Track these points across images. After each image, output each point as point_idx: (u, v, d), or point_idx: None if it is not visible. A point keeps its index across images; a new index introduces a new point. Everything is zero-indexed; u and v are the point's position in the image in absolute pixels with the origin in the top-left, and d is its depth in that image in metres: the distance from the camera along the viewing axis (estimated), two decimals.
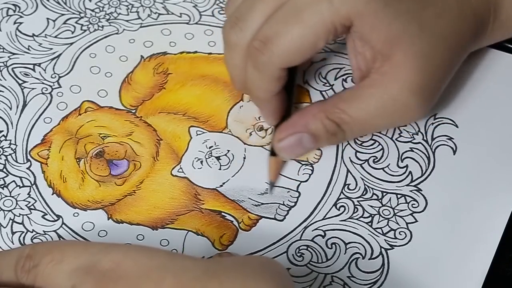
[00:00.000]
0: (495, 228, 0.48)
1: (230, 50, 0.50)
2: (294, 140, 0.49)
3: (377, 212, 0.49)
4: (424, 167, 0.51)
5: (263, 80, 0.48)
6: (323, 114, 0.48)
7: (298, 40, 0.46)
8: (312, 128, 0.49)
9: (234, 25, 0.49)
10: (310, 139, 0.49)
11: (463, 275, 0.46)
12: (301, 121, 0.49)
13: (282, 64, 0.47)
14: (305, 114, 0.49)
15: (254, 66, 0.48)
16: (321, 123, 0.48)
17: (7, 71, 0.55)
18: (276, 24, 0.47)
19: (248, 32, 0.48)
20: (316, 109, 0.49)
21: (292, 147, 0.49)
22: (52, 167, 0.51)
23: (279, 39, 0.46)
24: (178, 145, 0.52)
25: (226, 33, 0.49)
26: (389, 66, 0.47)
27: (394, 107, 0.48)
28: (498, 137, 0.52)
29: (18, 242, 0.48)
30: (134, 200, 0.50)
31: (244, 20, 0.48)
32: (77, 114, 0.53)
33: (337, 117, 0.48)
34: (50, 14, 0.58)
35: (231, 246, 0.48)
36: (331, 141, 0.49)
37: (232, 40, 0.49)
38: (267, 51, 0.47)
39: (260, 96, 0.49)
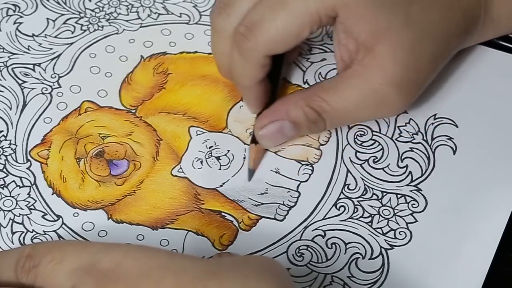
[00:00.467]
0: (495, 228, 0.48)
1: (216, 35, 0.50)
2: (275, 128, 0.49)
3: (377, 212, 0.49)
4: (424, 167, 0.51)
5: (247, 66, 0.48)
6: (304, 102, 0.49)
7: (283, 28, 0.47)
8: (293, 116, 0.49)
9: (222, 10, 0.49)
10: (291, 127, 0.49)
11: (463, 275, 0.46)
12: (282, 109, 0.49)
13: (266, 51, 0.47)
14: (286, 102, 0.50)
15: (239, 52, 0.48)
16: (302, 111, 0.49)
17: (7, 71, 0.55)
18: (262, 10, 0.47)
19: (234, 17, 0.48)
20: (297, 97, 0.49)
21: (273, 134, 0.50)
22: (52, 167, 0.51)
23: (264, 26, 0.47)
24: (178, 145, 0.52)
25: (214, 18, 0.50)
26: (371, 58, 0.47)
27: (373, 98, 0.48)
28: (498, 137, 0.52)
29: (18, 242, 0.48)
30: (134, 200, 0.50)
31: (232, 5, 0.49)
32: (77, 114, 0.53)
33: (318, 105, 0.49)
34: (50, 14, 0.58)
35: (231, 246, 0.48)
36: (312, 129, 0.50)
37: (219, 26, 0.49)
38: (252, 37, 0.47)
39: (244, 83, 0.50)
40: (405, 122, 0.53)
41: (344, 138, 0.52)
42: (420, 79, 0.49)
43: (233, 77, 0.50)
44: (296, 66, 0.56)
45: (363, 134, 0.52)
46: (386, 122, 0.53)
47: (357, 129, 0.52)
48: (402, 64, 0.47)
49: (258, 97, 0.50)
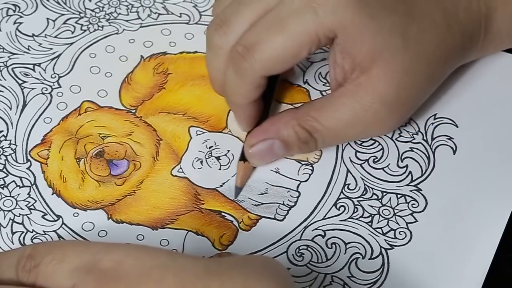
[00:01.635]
0: (495, 228, 0.48)
1: (212, 52, 0.49)
2: (265, 147, 0.49)
3: (377, 212, 0.49)
4: (424, 167, 0.51)
5: (242, 86, 0.48)
6: (295, 121, 0.48)
7: (280, 49, 0.46)
8: (283, 135, 0.49)
9: (219, 27, 0.48)
10: (281, 146, 0.49)
11: (463, 275, 0.46)
12: (273, 128, 0.49)
13: (263, 72, 0.47)
14: (277, 121, 0.49)
15: (235, 71, 0.47)
16: (292, 131, 0.48)
17: (7, 71, 0.55)
18: (260, 31, 0.47)
19: (232, 36, 0.48)
20: (288, 116, 0.49)
21: (263, 153, 0.49)
22: (52, 167, 0.51)
23: (262, 47, 0.46)
24: (178, 145, 0.52)
25: (210, 34, 0.49)
26: (365, 78, 0.47)
27: (365, 117, 0.48)
28: (498, 137, 0.52)
29: (18, 242, 0.48)
30: (134, 200, 0.50)
31: (229, 24, 0.48)
32: (77, 114, 0.53)
33: (309, 125, 0.48)
34: (50, 14, 0.58)
35: (231, 246, 0.48)
36: (303, 149, 0.49)
37: (215, 43, 0.49)
38: (250, 57, 0.46)
39: (237, 101, 0.49)
40: (405, 122, 0.53)
41: None
42: (414, 98, 0.49)
43: (226, 95, 0.50)
44: (296, 66, 0.55)
45: None
46: None
47: None
48: (396, 85, 0.47)
49: (250, 115, 0.50)
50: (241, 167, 0.50)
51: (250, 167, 0.51)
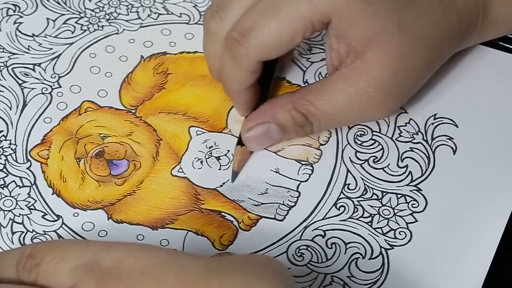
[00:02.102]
0: (495, 228, 0.48)
1: (209, 38, 0.50)
2: (262, 130, 0.49)
3: (377, 212, 0.49)
4: (424, 167, 0.51)
5: (238, 71, 0.48)
6: (291, 105, 0.49)
7: (275, 34, 0.47)
8: (279, 119, 0.49)
9: (215, 13, 0.49)
10: (277, 130, 0.49)
11: (463, 275, 0.46)
12: (269, 112, 0.49)
13: (258, 57, 0.48)
14: (274, 105, 0.50)
15: (231, 56, 0.48)
16: (288, 114, 0.49)
17: (7, 71, 0.55)
18: (255, 16, 0.47)
19: (228, 22, 0.48)
20: (284, 100, 0.49)
21: (260, 137, 0.50)
22: (52, 167, 0.51)
23: (257, 32, 0.47)
24: (178, 145, 0.52)
25: (206, 21, 0.50)
26: (360, 62, 0.48)
27: (360, 102, 0.48)
28: (498, 137, 0.52)
29: (18, 242, 0.48)
30: (134, 200, 0.50)
31: (225, 9, 0.49)
32: (77, 114, 0.53)
33: (305, 108, 0.49)
34: (50, 14, 0.58)
35: (231, 246, 0.48)
36: (299, 133, 0.50)
37: (212, 29, 0.49)
38: (245, 42, 0.47)
39: (234, 87, 0.50)
40: (405, 122, 0.53)
41: (344, 138, 0.52)
42: (410, 84, 0.49)
43: (223, 80, 0.50)
44: (296, 66, 0.56)
45: (363, 134, 0.52)
46: (386, 122, 0.53)
47: (357, 129, 0.53)
48: (391, 69, 0.47)
49: (246, 100, 0.50)
50: (238, 151, 0.50)
51: (247, 151, 0.51)
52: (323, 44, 0.57)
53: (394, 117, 0.53)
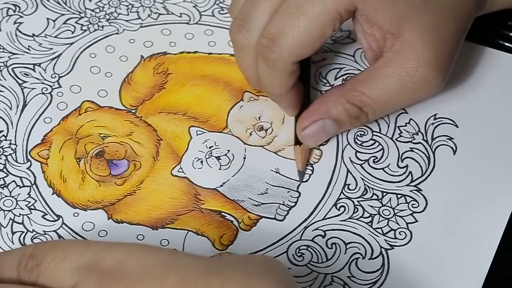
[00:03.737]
0: (495, 228, 0.48)
1: (240, 51, 0.50)
2: (318, 127, 0.50)
3: (377, 212, 0.49)
4: (424, 167, 0.51)
5: (276, 76, 0.49)
6: (344, 98, 0.49)
7: (305, 32, 0.47)
8: (334, 114, 0.49)
9: (241, 27, 0.49)
10: (333, 125, 0.50)
11: (463, 275, 0.46)
12: (322, 108, 0.50)
13: (293, 58, 0.48)
14: (325, 100, 0.50)
15: (266, 63, 0.48)
16: (342, 108, 0.49)
17: (7, 71, 0.55)
18: (281, 19, 0.47)
19: (255, 31, 0.49)
20: (335, 94, 0.50)
21: (316, 134, 0.50)
22: (52, 167, 0.51)
23: (287, 34, 0.47)
24: (178, 145, 0.52)
25: (234, 35, 0.50)
26: (401, 43, 0.48)
27: (412, 83, 0.48)
28: (498, 137, 0.52)
29: (18, 242, 0.48)
30: (134, 200, 0.50)
31: (249, 20, 0.49)
32: (77, 114, 0.53)
33: (358, 100, 0.49)
34: (50, 14, 0.58)
35: (231, 246, 0.48)
36: (355, 124, 0.50)
37: (241, 42, 0.49)
38: (276, 47, 0.47)
39: (277, 91, 0.50)
40: (405, 122, 0.53)
41: (344, 138, 0.52)
42: (449, 54, 0.50)
43: (264, 88, 0.51)
44: None
45: (363, 134, 0.52)
46: (386, 122, 0.53)
47: (357, 129, 0.53)
48: (431, 44, 0.48)
49: (293, 101, 0.51)
50: (298, 150, 0.51)
51: (306, 149, 0.51)
52: (325, 44, 0.56)
53: (394, 117, 0.53)
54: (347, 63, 0.55)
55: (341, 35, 0.57)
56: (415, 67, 0.48)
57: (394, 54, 0.48)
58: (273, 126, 0.53)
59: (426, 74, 0.48)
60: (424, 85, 0.49)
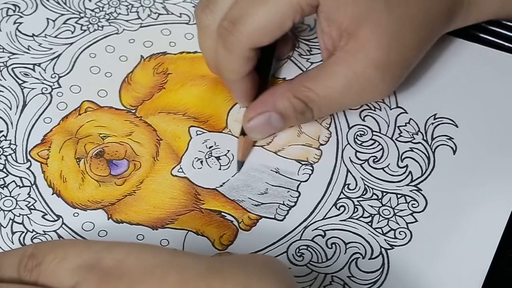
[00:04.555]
0: (495, 228, 0.48)
1: (202, 32, 0.51)
2: (263, 119, 0.50)
3: (377, 212, 0.49)
4: (424, 167, 0.51)
5: (232, 60, 0.49)
6: (290, 93, 0.49)
7: (265, 20, 0.47)
8: (280, 107, 0.49)
9: (205, 7, 0.50)
10: (278, 118, 0.50)
11: (463, 275, 0.46)
12: (269, 100, 0.50)
13: (250, 44, 0.48)
14: (273, 94, 0.50)
15: (224, 46, 0.48)
16: (288, 102, 0.49)
17: (7, 71, 0.55)
18: (244, 4, 0.48)
19: (218, 13, 0.49)
20: (283, 88, 0.50)
21: (261, 126, 0.50)
22: (52, 167, 0.51)
23: (247, 19, 0.47)
24: (178, 145, 0.52)
25: (198, 15, 0.50)
26: (353, 43, 0.48)
27: (358, 84, 0.48)
28: (498, 137, 0.52)
29: (18, 242, 0.48)
30: (134, 200, 0.50)
31: (215, 2, 0.49)
32: (77, 114, 0.53)
33: (304, 95, 0.49)
34: (50, 14, 0.58)
35: (231, 246, 0.48)
36: (300, 119, 0.50)
37: (203, 22, 0.50)
38: (236, 31, 0.47)
39: (230, 76, 0.50)
40: (405, 122, 0.53)
41: (344, 138, 0.52)
42: (404, 62, 0.50)
43: (220, 72, 0.51)
44: (296, 66, 0.56)
45: (363, 134, 0.52)
46: (386, 122, 0.53)
47: (357, 129, 0.53)
48: (385, 47, 0.48)
49: (245, 90, 0.51)
50: (241, 141, 0.51)
51: (250, 141, 0.51)
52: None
53: (394, 117, 0.53)
54: None
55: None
56: (363, 68, 0.48)
57: (344, 53, 0.48)
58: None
59: (373, 77, 0.48)
60: (369, 88, 0.49)
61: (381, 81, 0.49)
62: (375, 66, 0.48)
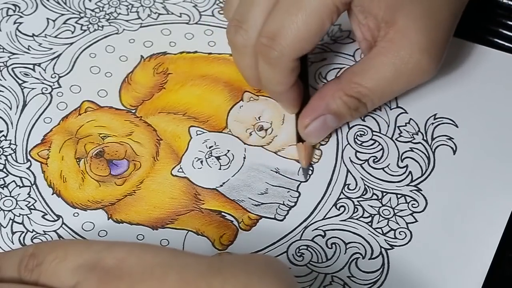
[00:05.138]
0: (495, 228, 0.48)
1: (239, 52, 0.50)
2: (319, 123, 0.50)
3: (377, 212, 0.49)
4: (424, 167, 0.51)
5: (278, 74, 0.49)
6: (341, 92, 0.50)
7: (304, 28, 0.47)
8: (333, 108, 0.50)
9: (238, 28, 0.49)
10: (334, 119, 0.50)
11: (463, 275, 0.46)
12: (321, 104, 0.50)
13: (294, 55, 0.48)
14: (324, 96, 0.50)
15: (267, 62, 0.48)
16: (341, 101, 0.50)
17: (7, 71, 0.55)
18: (279, 17, 0.47)
19: (253, 31, 0.49)
20: (333, 88, 0.50)
21: (318, 130, 0.51)
22: (52, 167, 0.51)
23: (286, 31, 0.47)
24: (178, 145, 0.52)
25: (232, 37, 0.50)
26: (394, 31, 0.48)
27: (407, 69, 0.49)
28: (498, 137, 0.52)
29: (18, 242, 0.48)
30: (134, 200, 0.50)
31: (246, 20, 0.49)
32: (77, 114, 0.53)
33: (355, 91, 0.49)
34: (50, 14, 0.58)
35: (231, 246, 0.48)
36: (355, 116, 0.51)
37: (239, 43, 0.50)
38: (277, 45, 0.47)
39: (278, 89, 0.50)
40: (405, 122, 0.53)
41: (344, 138, 0.52)
42: (443, 37, 0.50)
43: (265, 87, 0.51)
44: None
45: (363, 134, 0.52)
46: (386, 122, 0.53)
47: (357, 129, 0.53)
48: (425, 30, 0.48)
49: (293, 99, 0.51)
50: (301, 148, 0.51)
51: (310, 146, 0.51)
52: (323, 44, 0.57)
53: (394, 117, 0.53)
54: (347, 63, 0.55)
55: (341, 35, 0.57)
56: (409, 54, 0.48)
57: (387, 43, 0.49)
58: (273, 126, 0.53)
59: (420, 60, 0.49)
60: (418, 71, 0.49)
61: (428, 63, 0.49)
62: (419, 49, 0.48)
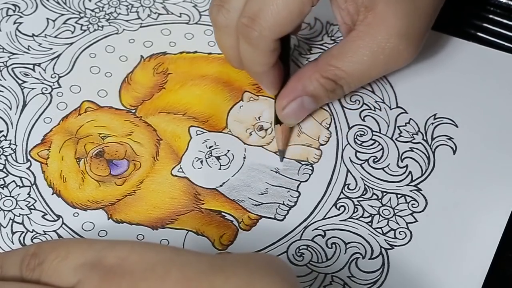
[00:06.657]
0: (495, 228, 0.48)
1: (220, 32, 0.51)
2: (296, 105, 0.51)
3: (377, 212, 0.49)
4: (424, 167, 0.51)
5: (258, 54, 0.49)
6: (318, 74, 0.50)
7: (284, 9, 0.47)
8: (310, 90, 0.50)
9: (220, 7, 0.50)
10: (310, 100, 0.51)
11: (463, 275, 0.46)
12: (299, 85, 0.51)
13: (274, 36, 0.48)
14: (301, 77, 0.51)
15: (247, 42, 0.49)
16: (318, 83, 0.50)
17: (7, 71, 0.55)
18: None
19: (235, 11, 0.49)
20: (310, 70, 0.50)
21: (296, 111, 0.51)
22: (52, 167, 0.51)
23: (266, 12, 0.47)
24: (178, 145, 0.52)
25: (214, 17, 0.50)
26: (373, 16, 0.49)
27: (384, 54, 0.49)
28: (498, 137, 0.52)
29: (18, 242, 0.48)
30: (134, 200, 0.50)
31: (229, 1, 0.49)
32: (77, 114, 0.53)
33: (332, 74, 0.50)
34: (50, 14, 0.58)
35: (231, 246, 0.48)
36: (331, 97, 0.51)
37: (221, 22, 0.50)
38: (257, 25, 0.48)
39: (258, 70, 0.50)
40: (405, 122, 0.53)
41: (344, 138, 0.52)
42: (423, 24, 0.50)
43: (246, 67, 0.51)
44: (296, 66, 0.56)
45: (363, 134, 0.52)
46: (386, 122, 0.53)
47: (357, 129, 0.53)
48: (403, 16, 0.49)
49: (274, 79, 0.51)
50: (278, 130, 0.51)
51: (287, 128, 0.52)
52: (323, 44, 0.57)
53: (394, 117, 0.53)
54: None
55: (341, 35, 0.57)
56: (386, 38, 0.49)
57: (365, 27, 0.49)
58: (273, 126, 0.53)
59: (397, 45, 0.49)
60: (395, 56, 0.50)
61: (405, 49, 0.49)
62: (397, 35, 0.49)
